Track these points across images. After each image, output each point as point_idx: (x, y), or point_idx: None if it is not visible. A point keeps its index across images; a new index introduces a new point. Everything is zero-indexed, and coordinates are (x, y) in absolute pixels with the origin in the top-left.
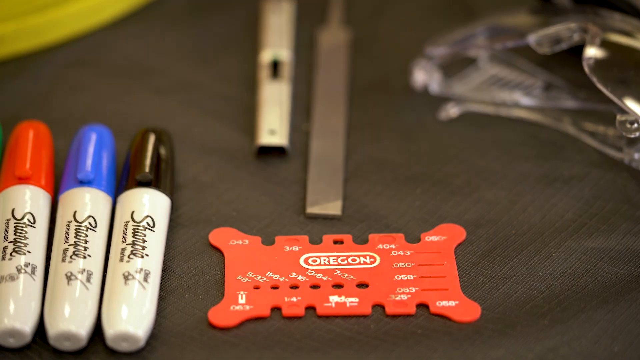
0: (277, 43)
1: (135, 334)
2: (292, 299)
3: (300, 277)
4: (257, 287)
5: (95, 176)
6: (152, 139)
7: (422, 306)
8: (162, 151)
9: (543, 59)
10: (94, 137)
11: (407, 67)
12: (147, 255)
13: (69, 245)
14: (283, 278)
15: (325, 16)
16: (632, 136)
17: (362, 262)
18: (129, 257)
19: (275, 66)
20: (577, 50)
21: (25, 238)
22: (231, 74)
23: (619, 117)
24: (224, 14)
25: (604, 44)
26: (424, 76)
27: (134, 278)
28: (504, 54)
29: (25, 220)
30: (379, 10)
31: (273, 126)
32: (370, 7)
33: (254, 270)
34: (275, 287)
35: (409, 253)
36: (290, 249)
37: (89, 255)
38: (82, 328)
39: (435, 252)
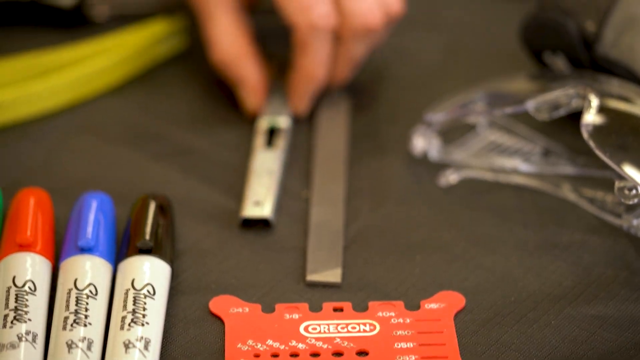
0: (275, 111)
1: None
2: None
3: (300, 345)
4: (257, 356)
5: (95, 243)
6: (152, 206)
7: None
8: (163, 218)
9: (542, 124)
10: (94, 204)
11: (406, 133)
12: (147, 323)
13: (70, 313)
14: (283, 346)
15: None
16: (631, 202)
17: (362, 329)
18: (129, 325)
19: (271, 133)
20: (575, 116)
21: (26, 306)
22: (231, 140)
23: (617, 184)
24: (222, 80)
25: (603, 110)
26: (423, 142)
27: (134, 346)
28: (503, 120)
29: (26, 287)
30: (377, 77)
31: (259, 197)
32: (369, 73)
33: (254, 338)
34: (275, 355)
35: (408, 321)
36: (291, 316)
37: (89, 323)
38: None
39: (435, 319)
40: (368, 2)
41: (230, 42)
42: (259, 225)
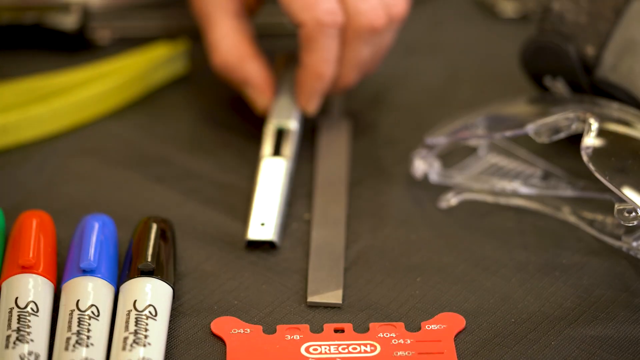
0: (284, 115)
1: None
2: None
3: None
4: None
5: (98, 265)
6: (154, 228)
7: None
8: (164, 240)
9: (542, 147)
10: (96, 227)
11: (407, 156)
12: (149, 344)
13: (72, 334)
14: None
15: (327, 107)
16: (630, 225)
17: (362, 350)
18: (131, 345)
19: (279, 137)
20: (575, 140)
21: (29, 327)
22: (232, 163)
23: (617, 206)
24: (224, 102)
25: (602, 133)
26: (424, 165)
27: None
28: (504, 143)
29: (28, 309)
30: (378, 100)
31: (264, 219)
32: (369, 96)
33: (256, 359)
34: None
35: (409, 342)
36: (292, 337)
37: (91, 344)
38: None
39: (436, 340)
40: (372, 2)
41: (232, 44)
42: (264, 246)
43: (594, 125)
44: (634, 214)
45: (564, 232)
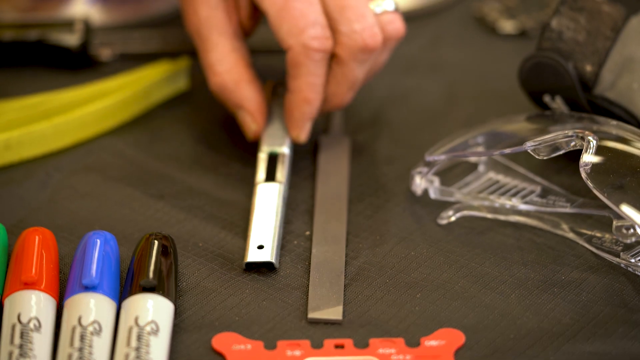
0: (275, 142)
1: None
2: None
3: None
4: None
5: (99, 282)
6: (155, 245)
7: None
8: (166, 257)
9: (541, 165)
10: (98, 243)
11: (406, 173)
12: None
13: (74, 349)
14: None
15: (327, 125)
16: (629, 241)
17: None
18: None
19: (273, 162)
20: (574, 156)
21: (31, 342)
22: (233, 180)
23: (615, 223)
24: (225, 120)
25: (601, 151)
26: (423, 182)
27: None
28: (503, 160)
29: (31, 325)
30: (378, 117)
31: (262, 241)
32: (369, 114)
33: None
34: None
35: (409, 357)
36: (292, 353)
37: None
38: None
39: (435, 356)
40: (367, 22)
41: (228, 67)
42: (263, 269)
43: (593, 142)
44: (632, 230)
45: (562, 249)
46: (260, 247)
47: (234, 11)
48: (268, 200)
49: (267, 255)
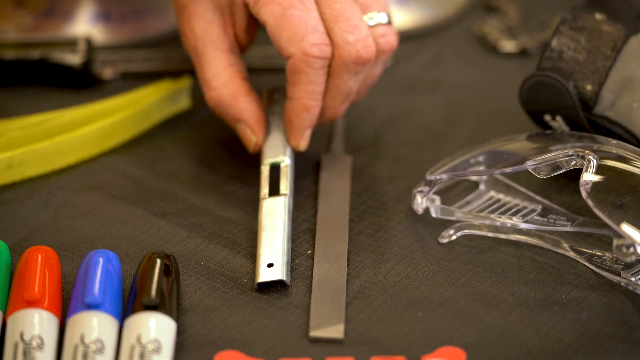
0: (276, 153)
1: None
2: None
3: None
4: None
5: (102, 300)
6: (158, 263)
7: None
8: (168, 275)
9: (542, 183)
10: (101, 262)
11: (408, 191)
12: None
13: None
14: None
15: (329, 144)
16: (629, 260)
17: None
18: None
19: (276, 174)
20: (575, 175)
21: None
22: (235, 198)
23: (615, 242)
24: (227, 137)
25: (601, 170)
26: (424, 201)
27: None
28: (504, 179)
29: (33, 343)
30: (379, 136)
31: (271, 259)
32: (371, 133)
33: None
34: None
35: None
36: None
37: None
38: None
39: None
40: (361, 34)
41: (224, 81)
42: (275, 287)
43: (593, 161)
44: (632, 249)
45: (563, 267)
46: (270, 265)
47: (230, 26)
48: (274, 217)
49: (278, 273)
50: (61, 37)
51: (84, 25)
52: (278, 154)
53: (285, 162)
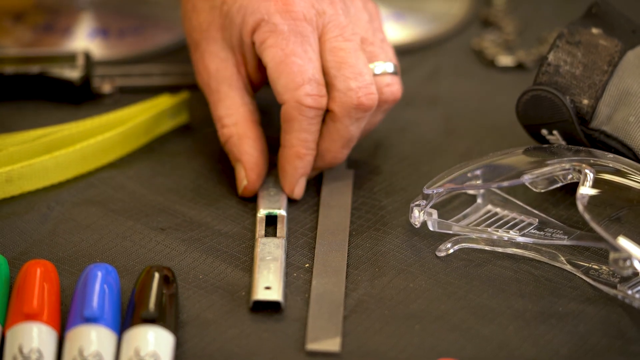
0: (272, 205)
1: None
2: None
3: None
4: None
5: (100, 313)
6: (156, 277)
7: None
8: (166, 289)
9: (539, 197)
10: (99, 275)
11: (406, 205)
12: None
13: None
14: None
15: None
16: (626, 273)
17: None
18: None
19: (271, 220)
20: (572, 189)
21: None
22: (234, 212)
23: (612, 255)
24: (225, 153)
25: (597, 183)
26: (422, 215)
27: None
28: (501, 192)
29: (32, 356)
30: (378, 150)
31: (268, 283)
32: (370, 147)
33: None
34: None
35: None
36: None
37: None
38: None
39: None
40: (364, 80)
41: (236, 120)
42: (270, 310)
43: (590, 175)
44: (628, 262)
45: (560, 281)
46: (267, 287)
47: (242, 65)
48: (270, 254)
49: (275, 294)
50: (60, 52)
51: (83, 41)
52: (274, 207)
53: (282, 214)
